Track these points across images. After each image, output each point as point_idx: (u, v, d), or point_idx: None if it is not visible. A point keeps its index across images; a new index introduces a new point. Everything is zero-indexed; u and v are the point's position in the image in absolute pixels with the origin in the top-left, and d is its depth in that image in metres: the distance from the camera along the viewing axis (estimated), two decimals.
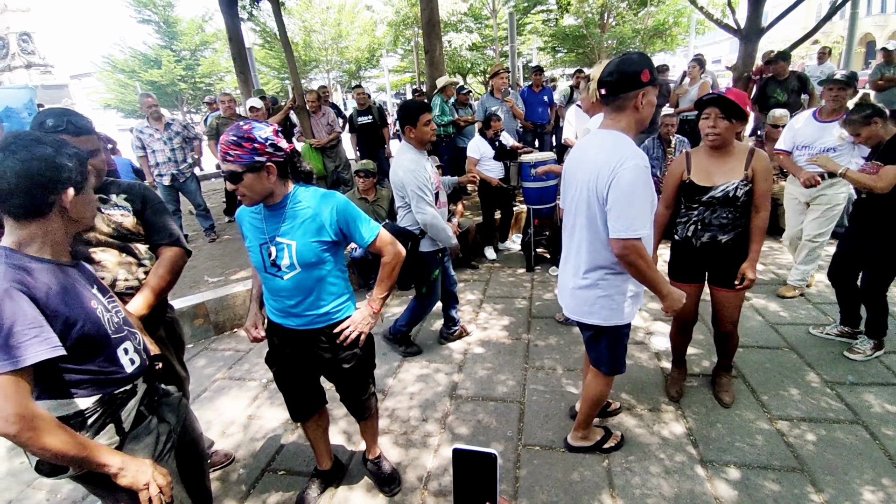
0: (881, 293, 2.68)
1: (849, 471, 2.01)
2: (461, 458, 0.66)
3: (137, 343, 1.32)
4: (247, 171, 1.45)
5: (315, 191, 1.63)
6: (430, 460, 2.27)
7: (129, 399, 1.25)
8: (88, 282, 1.23)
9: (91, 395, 1.16)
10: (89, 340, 1.13)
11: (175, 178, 5.28)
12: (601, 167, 1.63)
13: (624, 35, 17.05)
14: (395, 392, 2.83)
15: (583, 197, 1.73)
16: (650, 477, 2.07)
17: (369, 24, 23.11)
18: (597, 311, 1.85)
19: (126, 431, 1.24)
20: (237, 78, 7.59)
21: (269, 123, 1.55)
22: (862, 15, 10.50)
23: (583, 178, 1.72)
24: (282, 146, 1.51)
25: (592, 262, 1.80)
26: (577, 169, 1.77)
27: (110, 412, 1.20)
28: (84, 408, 1.15)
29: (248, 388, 3.00)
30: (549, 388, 2.73)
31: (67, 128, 1.54)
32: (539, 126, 6.98)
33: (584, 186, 1.71)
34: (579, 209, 1.77)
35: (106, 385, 1.18)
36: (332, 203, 1.59)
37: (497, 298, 3.98)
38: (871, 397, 2.44)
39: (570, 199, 1.84)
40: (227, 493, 2.19)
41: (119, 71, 23.20)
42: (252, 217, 1.65)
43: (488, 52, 19.20)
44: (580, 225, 1.79)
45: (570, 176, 1.83)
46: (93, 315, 1.15)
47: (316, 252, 1.58)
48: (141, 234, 1.78)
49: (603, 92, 1.67)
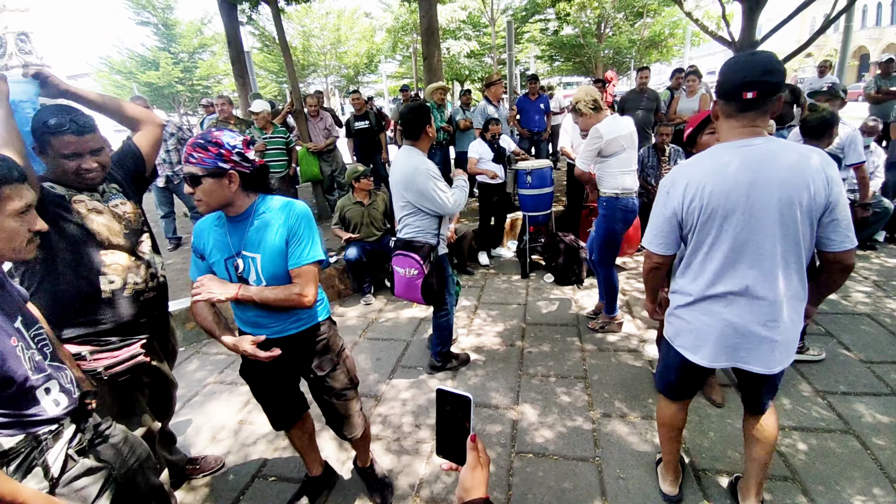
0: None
1: (840, 480, 2.02)
2: (443, 398, 0.81)
3: (67, 381, 1.22)
4: (207, 176, 1.42)
5: (280, 200, 1.59)
6: (423, 467, 2.26)
7: (56, 441, 1.16)
8: (12, 313, 1.15)
9: (14, 436, 1.07)
10: (6, 383, 1.05)
11: (170, 180, 5.26)
12: (811, 175, 1.35)
13: (620, 45, 17.24)
14: (387, 398, 2.82)
15: (786, 214, 1.39)
16: (643, 485, 2.06)
17: (368, 30, 23.24)
18: (793, 350, 1.57)
19: (55, 477, 1.15)
20: (235, 81, 7.60)
21: (242, 136, 1.51)
22: (856, 28, 10.67)
23: (782, 196, 1.37)
24: (249, 157, 1.48)
25: (802, 292, 1.50)
26: (761, 186, 1.38)
27: (35, 455, 1.11)
28: (7, 447, 1.06)
29: (239, 392, 2.98)
30: (542, 395, 2.73)
31: (70, 127, 1.50)
32: (535, 134, 7.03)
33: (788, 203, 1.37)
34: (786, 227, 1.40)
35: (28, 426, 1.10)
36: (291, 212, 1.55)
37: (491, 305, 3.98)
38: (863, 407, 2.45)
39: (748, 224, 1.42)
40: (216, 499, 2.16)
41: (116, 72, 23.14)
42: (216, 232, 1.60)
43: (486, 60, 19.33)
44: (788, 252, 1.43)
45: (738, 197, 1.40)
46: (10, 353, 1.06)
47: (281, 264, 1.54)
48: (142, 219, 1.79)
49: (752, 96, 1.36)
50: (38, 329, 1.22)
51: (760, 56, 1.38)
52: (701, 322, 1.58)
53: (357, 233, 4.17)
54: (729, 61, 1.42)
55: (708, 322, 1.56)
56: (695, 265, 1.56)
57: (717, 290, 1.52)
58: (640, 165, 4.65)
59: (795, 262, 1.45)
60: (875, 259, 4.40)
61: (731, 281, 1.49)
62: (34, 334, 1.20)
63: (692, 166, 1.50)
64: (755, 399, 1.73)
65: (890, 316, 3.33)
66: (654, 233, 1.60)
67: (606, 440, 2.34)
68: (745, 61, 1.38)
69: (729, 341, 1.54)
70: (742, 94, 1.36)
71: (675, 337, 1.69)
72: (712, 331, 1.55)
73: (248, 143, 1.51)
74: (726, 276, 1.49)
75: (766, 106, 1.39)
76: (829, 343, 3.05)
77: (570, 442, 2.35)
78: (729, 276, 1.49)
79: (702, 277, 1.54)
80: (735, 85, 1.37)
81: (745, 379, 1.68)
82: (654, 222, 1.60)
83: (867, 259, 4.41)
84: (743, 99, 1.37)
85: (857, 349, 2.96)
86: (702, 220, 1.47)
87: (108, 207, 1.66)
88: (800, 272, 1.47)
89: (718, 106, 1.47)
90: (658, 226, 1.59)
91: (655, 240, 1.61)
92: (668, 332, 1.72)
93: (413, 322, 3.77)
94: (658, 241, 1.60)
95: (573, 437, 2.38)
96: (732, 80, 1.38)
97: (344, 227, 4.22)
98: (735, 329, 1.52)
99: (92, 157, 1.58)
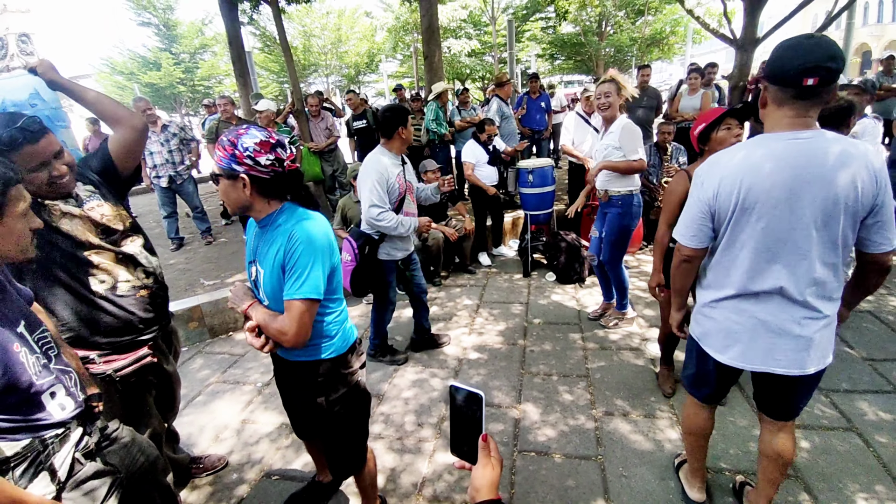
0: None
1: (843, 478, 2.01)
2: (456, 394, 0.80)
3: (72, 384, 1.21)
4: (222, 176, 1.37)
5: (304, 221, 1.40)
6: (425, 466, 2.26)
7: (62, 445, 1.15)
8: (15, 317, 1.14)
9: (18, 441, 1.07)
10: (10, 390, 1.04)
11: (172, 180, 5.28)
12: (860, 174, 1.29)
13: (621, 43, 17.23)
14: (389, 397, 2.82)
15: (829, 213, 1.33)
16: (645, 483, 2.07)
17: (369, 30, 23.24)
18: (828, 350, 1.50)
19: (63, 480, 1.14)
20: (236, 81, 7.61)
21: (269, 134, 1.39)
22: (858, 25, 10.61)
23: (828, 195, 1.31)
24: (262, 162, 1.33)
25: (837, 294, 1.46)
26: (805, 183, 1.31)
27: (42, 460, 1.10)
28: (10, 454, 1.05)
29: (242, 391, 2.99)
30: (544, 393, 2.73)
31: (23, 136, 1.38)
32: (536, 132, 7.03)
33: (833, 202, 1.31)
34: (826, 227, 1.35)
35: (34, 430, 1.09)
36: (291, 237, 1.36)
37: (493, 304, 3.98)
38: (865, 405, 2.44)
39: (788, 221, 1.36)
40: (218, 499, 2.17)
41: (118, 73, 23.18)
42: (253, 230, 1.54)
43: (487, 59, 19.32)
44: (826, 253, 1.38)
45: (779, 193, 1.33)
46: (13, 360, 1.05)
47: (277, 287, 1.40)
48: (128, 218, 1.73)
49: (812, 83, 1.25)
50: (42, 332, 1.22)
51: (824, 40, 1.27)
52: (730, 321, 1.52)
53: None
54: (785, 44, 1.30)
55: (737, 321, 1.51)
56: (726, 262, 1.50)
57: (750, 289, 1.46)
58: None
59: (833, 262, 1.38)
60: None
61: (766, 280, 1.42)
62: (38, 338, 1.19)
63: (731, 157, 1.41)
64: (785, 404, 1.63)
65: (893, 313, 3.32)
66: (687, 224, 1.54)
67: (609, 438, 2.34)
68: (808, 45, 1.26)
69: (762, 341, 1.48)
70: (802, 80, 1.25)
71: (703, 337, 1.63)
72: (742, 329, 1.50)
73: (273, 146, 1.35)
74: (760, 274, 1.43)
75: (823, 95, 1.30)
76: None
77: (573, 440, 2.35)
78: (763, 275, 1.43)
79: (734, 275, 1.48)
80: (795, 70, 1.25)
81: (777, 384, 1.59)
82: (688, 214, 1.54)
83: None
84: (803, 86, 1.26)
85: (859, 347, 2.96)
86: (737, 215, 1.40)
87: (82, 211, 1.59)
88: (836, 273, 1.41)
89: (770, 93, 1.36)
90: (691, 217, 1.52)
91: (688, 231, 1.54)
92: (696, 331, 1.66)
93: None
94: (690, 233, 1.53)
95: (575, 435, 2.38)
96: (792, 65, 1.26)
97: (345, 225, 4.22)
98: (768, 328, 1.46)
99: (57, 162, 1.48)
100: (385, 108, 2.73)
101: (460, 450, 0.83)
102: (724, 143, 2.10)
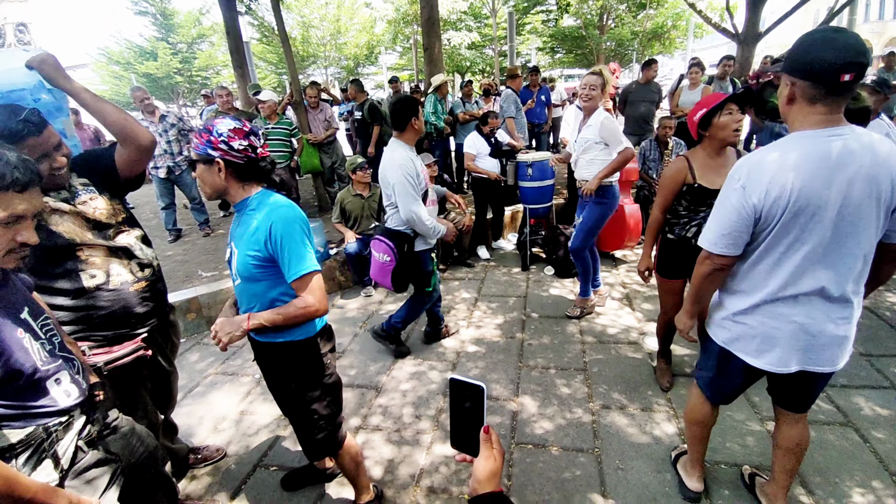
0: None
1: (839, 472, 2.03)
2: (456, 387, 0.79)
3: (76, 371, 1.22)
4: (199, 161, 1.44)
5: (273, 202, 1.49)
6: (423, 457, 2.27)
7: (66, 433, 1.16)
8: (19, 304, 1.13)
9: (22, 428, 1.07)
10: (14, 376, 1.04)
11: (171, 171, 5.24)
12: (892, 165, 1.28)
13: (623, 37, 17.14)
14: (387, 389, 2.83)
15: (872, 209, 1.32)
16: (641, 475, 2.08)
17: (368, 21, 23.04)
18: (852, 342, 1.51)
19: (66, 468, 1.15)
20: (234, 72, 7.54)
21: (243, 123, 1.45)
22: (859, 21, 10.57)
23: (872, 192, 1.29)
24: (235, 147, 1.41)
25: (861, 287, 1.45)
26: (852, 182, 1.29)
27: (45, 447, 1.10)
28: (15, 441, 1.05)
29: (240, 383, 2.99)
30: (542, 386, 2.74)
31: (28, 129, 1.40)
32: (536, 126, 7.01)
33: (876, 199, 1.31)
34: (869, 223, 1.34)
35: (38, 417, 1.09)
36: (276, 218, 1.44)
37: (492, 297, 3.98)
38: (862, 400, 2.46)
39: (835, 222, 1.32)
40: (218, 488, 2.17)
41: (114, 63, 22.99)
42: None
43: (487, 52, 19.20)
44: (865, 250, 1.37)
45: (830, 195, 1.29)
46: (17, 346, 1.05)
47: (249, 267, 1.47)
48: (122, 212, 1.70)
49: (848, 78, 1.24)
50: (45, 319, 1.21)
51: (853, 34, 1.24)
52: (767, 326, 1.48)
53: (357, 225, 4.17)
54: (815, 38, 1.25)
55: (775, 326, 1.46)
56: (765, 266, 1.44)
57: (788, 293, 1.41)
58: (642, 158, 4.63)
59: (866, 257, 1.37)
60: None
61: (806, 282, 1.38)
62: (41, 324, 1.18)
63: (774, 158, 1.34)
64: (805, 398, 1.65)
65: (890, 309, 3.33)
66: (723, 232, 1.43)
67: (606, 431, 2.35)
68: (842, 39, 1.21)
69: (799, 343, 1.45)
70: (840, 76, 1.20)
71: (732, 342, 1.58)
72: (781, 335, 1.46)
73: (246, 134, 1.44)
74: (802, 277, 1.38)
75: (854, 90, 1.28)
76: None
77: (570, 433, 2.36)
78: (805, 278, 1.38)
79: (773, 280, 1.43)
80: (833, 66, 1.20)
81: (804, 380, 1.56)
82: (724, 220, 1.42)
83: None
84: (840, 82, 1.21)
85: (856, 342, 2.92)
86: (785, 219, 1.33)
87: (73, 206, 1.57)
88: (867, 267, 1.39)
89: (799, 89, 1.29)
90: (729, 224, 1.41)
91: (723, 240, 1.43)
92: (722, 337, 1.61)
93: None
94: (727, 241, 1.43)
95: (573, 428, 2.39)
96: (828, 60, 1.21)
97: (343, 219, 4.21)
98: (806, 330, 1.43)
99: (57, 153, 1.49)
100: (395, 99, 2.70)
101: (461, 443, 0.82)
102: (727, 128, 2.08)
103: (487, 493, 0.75)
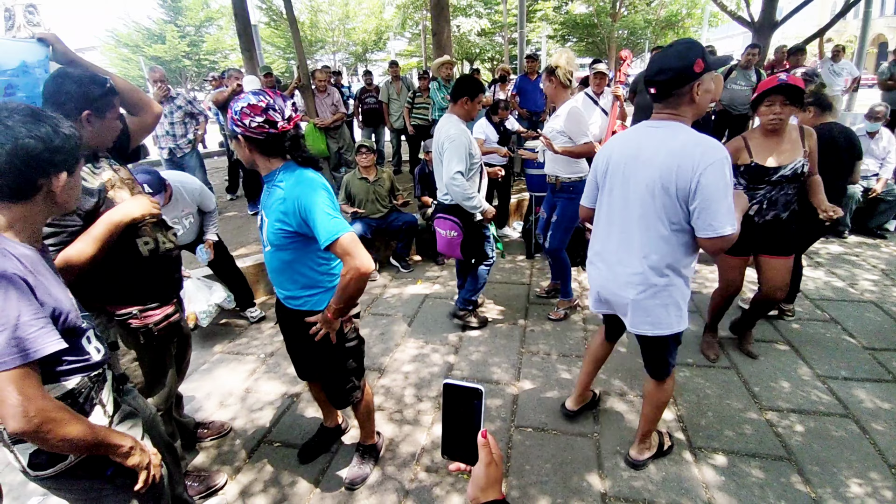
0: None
1: (837, 462, 2.04)
2: (451, 392, 0.75)
3: (98, 331, 1.27)
4: (232, 137, 1.52)
5: (299, 174, 1.54)
6: (423, 437, 2.31)
7: (103, 385, 1.21)
8: (55, 268, 1.17)
9: (75, 375, 1.12)
10: (71, 331, 1.08)
11: (172, 153, 5.22)
12: (680, 162, 1.48)
13: (635, 25, 16.86)
14: (390, 371, 2.86)
15: (649, 192, 1.56)
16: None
17: (377, 6, 22.80)
18: (665, 319, 1.70)
19: (111, 414, 1.21)
20: (242, 56, 7.50)
21: (260, 98, 1.45)
22: (875, 15, 10.27)
23: (648, 175, 1.55)
24: (248, 124, 1.43)
25: (663, 263, 1.64)
26: (634, 163, 1.60)
27: (93, 395, 1.16)
28: (72, 387, 1.10)
29: (246, 361, 3.04)
30: (543, 372, 2.76)
31: (112, 90, 1.48)
32: (534, 114, 6.92)
33: (654, 181, 1.54)
34: (641, 205, 1.59)
35: (83, 371, 1.14)
36: (301, 190, 1.49)
37: (496, 284, 4.00)
38: (863, 393, 2.46)
39: (622, 195, 1.64)
40: (222, 462, 2.23)
41: (123, 45, 22.97)
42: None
43: (497, 39, 18.97)
44: (644, 222, 1.61)
45: (619, 170, 1.64)
46: (70, 306, 1.09)
47: (278, 236, 1.56)
48: (136, 184, 1.73)
49: (653, 91, 1.54)
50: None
51: (659, 54, 1.52)
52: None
53: (362, 209, 4.18)
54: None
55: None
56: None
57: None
58: None
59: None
60: (885, 248, 4.36)
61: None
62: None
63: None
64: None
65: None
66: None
67: (605, 417, 2.38)
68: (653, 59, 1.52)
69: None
70: (648, 90, 1.59)
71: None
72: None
73: (264, 109, 1.43)
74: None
75: (670, 98, 1.58)
76: (833, 329, 3.06)
77: (570, 418, 2.38)
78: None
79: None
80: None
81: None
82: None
83: (877, 248, 4.37)
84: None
85: (860, 336, 2.96)
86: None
87: (118, 176, 1.63)
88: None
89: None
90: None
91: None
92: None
93: (417, 298, 3.80)
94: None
95: (572, 413, 2.41)
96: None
97: (350, 202, 4.22)
98: None
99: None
100: (463, 76, 2.87)
101: (454, 451, 0.78)
102: (765, 116, 2.29)
103: (491, 502, 0.72)
